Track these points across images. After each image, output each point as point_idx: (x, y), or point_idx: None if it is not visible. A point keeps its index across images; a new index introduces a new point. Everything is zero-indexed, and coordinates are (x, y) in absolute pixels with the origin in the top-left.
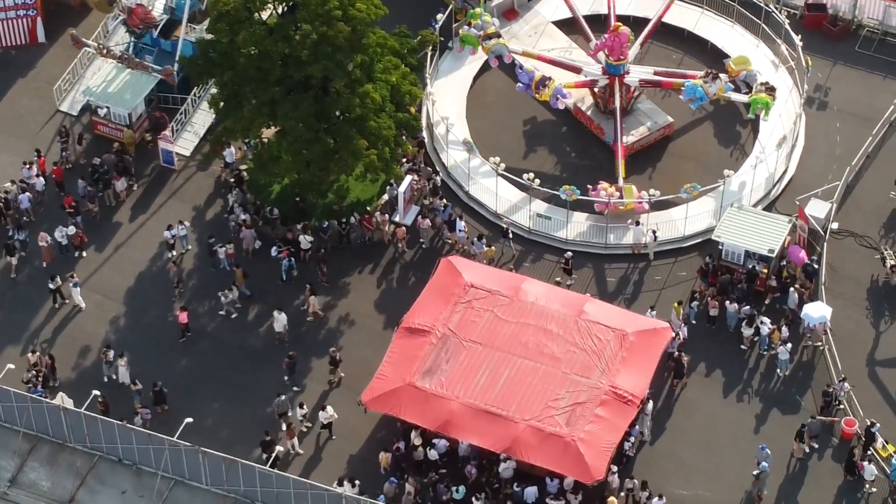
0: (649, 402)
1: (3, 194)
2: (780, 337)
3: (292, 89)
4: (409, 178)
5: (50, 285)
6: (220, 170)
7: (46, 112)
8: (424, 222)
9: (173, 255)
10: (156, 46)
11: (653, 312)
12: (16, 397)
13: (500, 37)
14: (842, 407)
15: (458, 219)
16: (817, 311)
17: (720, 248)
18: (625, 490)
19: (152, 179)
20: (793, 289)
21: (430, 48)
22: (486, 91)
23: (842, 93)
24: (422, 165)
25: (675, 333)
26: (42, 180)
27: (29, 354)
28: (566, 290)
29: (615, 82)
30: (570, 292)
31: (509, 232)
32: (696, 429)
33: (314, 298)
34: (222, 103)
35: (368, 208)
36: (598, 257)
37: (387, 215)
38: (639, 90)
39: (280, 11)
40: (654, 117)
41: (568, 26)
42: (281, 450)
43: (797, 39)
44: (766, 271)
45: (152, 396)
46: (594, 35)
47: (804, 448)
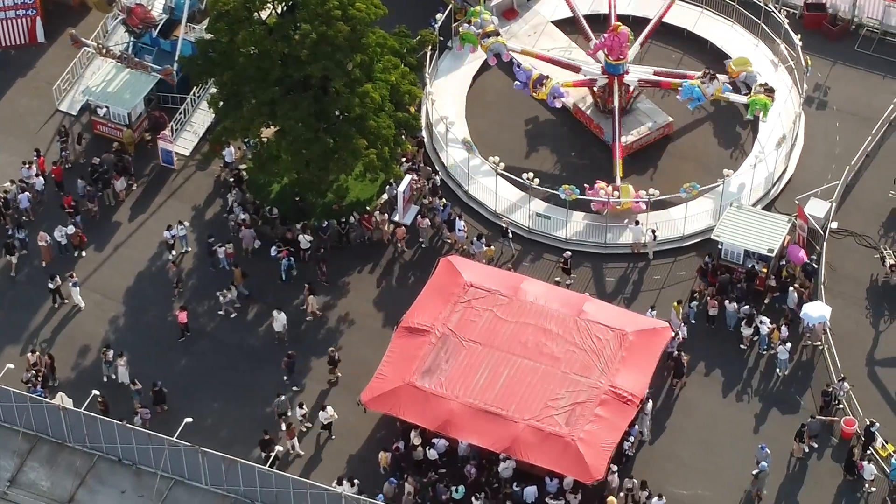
0: (649, 402)
1: (3, 194)
2: (780, 336)
3: (292, 89)
4: (408, 178)
5: (49, 285)
6: (220, 169)
7: (46, 112)
8: (424, 222)
9: (173, 256)
10: (155, 46)
11: (653, 312)
12: (15, 397)
13: (498, 35)
14: (841, 406)
15: (457, 218)
16: (817, 311)
17: (719, 247)
18: (624, 490)
19: (152, 179)
20: (792, 288)
21: (430, 48)
22: (485, 90)
23: (841, 92)
24: (421, 165)
25: (674, 333)
26: (41, 180)
27: (28, 354)
28: (566, 290)
29: (614, 82)
30: (570, 292)
31: (509, 231)
32: (695, 428)
33: (313, 298)
34: (222, 103)
35: (368, 208)
36: (598, 257)
37: (386, 215)
38: (638, 90)
39: (279, 11)
40: (654, 117)
41: (567, 26)
42: (280, 449)
43: (797, 39)
44: (765, 271)
45: (152, 396)
46: (594, 34)
47: (804, 448)
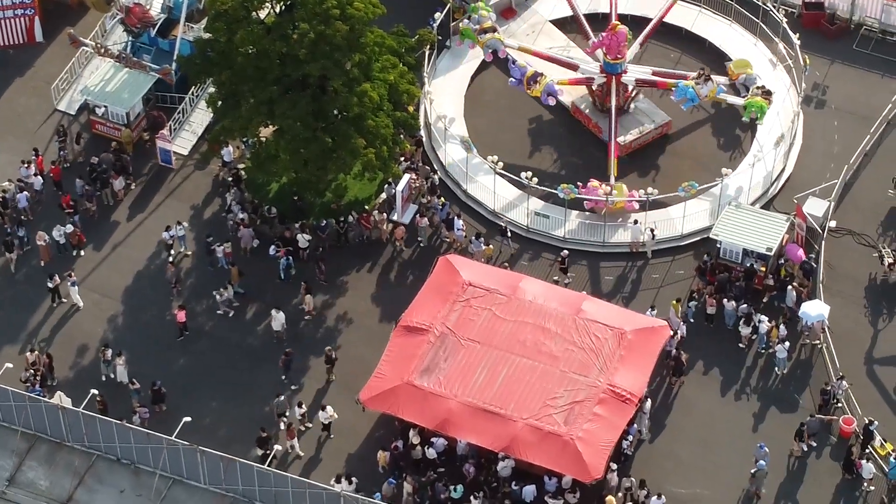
0: (647, 401)
1: (2, 193)
2: (778, 335)
3: (290, 88)
4: (407, 177)
5: (48, 284)
6: (219, 169)
7: (44, 111)
8: (422, 221)
9: (172, 256)
10: (154, 45)
11: (653, 312)
12: (14, 396)
13: (495, 31)
14: (840, 405)
15: (456, 217)
16: (815, 310)
17: (718, 246)
18: (623, 489)
19: (150, 178)
20: (791, 287)
21: (428, 47)
22: (484, 90)
23: (840, 91)
24: (420, 164)
25: (673, 332)
26: (40, 179)
27: (27, 353)
28: (564, 289)
29: (612, 81)
30: (569, 291)
31: (508, 230)
32: (694, 427)
33: (310, 297)
34: (220, 102)
35: (366, 207)
36: (597, 256)
37: (385, 214)
38: (636, 90)
39: (278, 10)
40: (652, 116)
41: (566, 25)
42: (279, 448)
43: (795, 38)
44: (764, 269)
45: (151, 395)
46: (593, 33)
47: (802, 446)
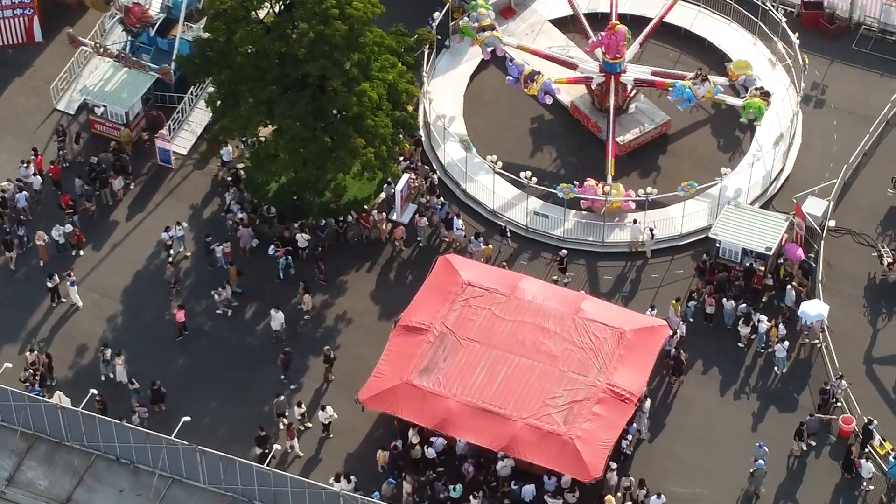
0: (647, 400)
1: (1, 193)
2: (778, 334)
3: (289, 88)
4: (406, 177)
5: (48, 284)
6: (218, 168)
7: (43, 111)
8: (422, 220)
9: (171, 256)
10: (153, 45)
11: (652, 311)
12: (13, 396)
13: (494, 29)
14: (839, 404)
15: (455, 217)
16: (814, 309)
17: (717, 245)
18: (622, 488)
19: (149, 178)
20: (790, 286)
21: (427, 46)
22: (483, 89)
23: (839, 90)
24: (419, 164)
25: (673, 331)
26: (39, 179)
27: (27, 353)
28: (563, 288)
29: (611, 80)
30: (568, 290)
31: (507, 230)
32: (693, 427)
33: (308, 297)
34: (219, 102)
35: (366, 207)
36: (596, 255)
37: (384, 214)
38: (635, 89)
39: (277, 10)
40: (652, 115)
41: (565, 24)
42: (279, 448)
43: (794, 37)
44: (763, 269)
45: (150, 395)
46: (593, 33)
47: (802, 446)
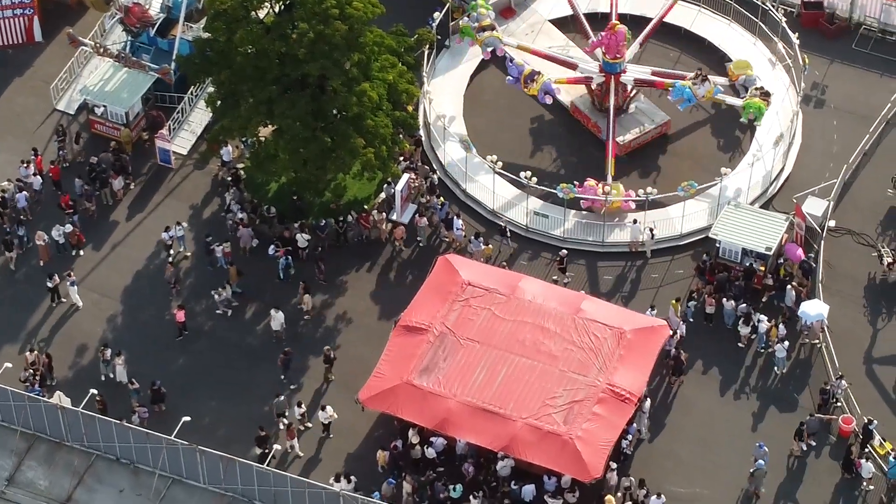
0: (647, 400)
1: (1, 193)
2: (778, 334)
3: (289, 88)
4: (406, 177)
5: (48, 284)
6: (218, 168)
7: (43, 111)
8: (422, 220)
9: (171, 256)
10: (153, 45)
11: (652, 311)
12: (13, 396)
13: (494, 29)
14: (839, 404)
15: (455, 217)
16: (814, 309)
17: (717, 245)
18: (622, 488)
19: (149, 178)
20: (790, 286)
21: (427, 46)
22: (483, 89)
23: (839, 90)
24: (419, 164)
25: (673, 331)
26: (39, 179)
27: (27, 353)
28: (563, 288)
29: (611, 80)
30: (568, 290)
31: (507, 230)
32: (693, 427)
33: (308, 297)
34: (219, 102)
35: (366, 207)
36: (596, 255)
37: (384, 214)
38: (635, 89)
39: (277, 10)
40: (652, 115)
41: (565, 24)
42: (278, 448)
43: (794, 37)
44: (763, 269)
45: (150, 395)
46: (593, 33)
47: (802, 446)
